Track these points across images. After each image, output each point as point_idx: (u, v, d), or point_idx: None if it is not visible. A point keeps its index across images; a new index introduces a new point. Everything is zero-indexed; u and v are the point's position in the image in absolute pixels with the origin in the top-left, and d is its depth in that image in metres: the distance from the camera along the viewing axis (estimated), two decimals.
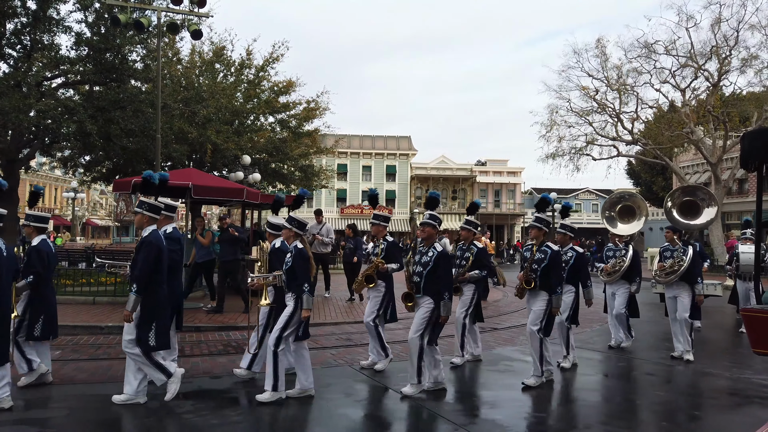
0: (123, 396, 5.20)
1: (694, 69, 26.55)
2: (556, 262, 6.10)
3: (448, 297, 5.56)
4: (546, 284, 6.10)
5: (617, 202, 8.71)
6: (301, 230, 5.74)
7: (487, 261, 7.45)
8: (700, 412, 5.54)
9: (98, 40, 14.28)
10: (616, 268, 8.27)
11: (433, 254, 5.65)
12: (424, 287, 5.69)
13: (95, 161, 20.29)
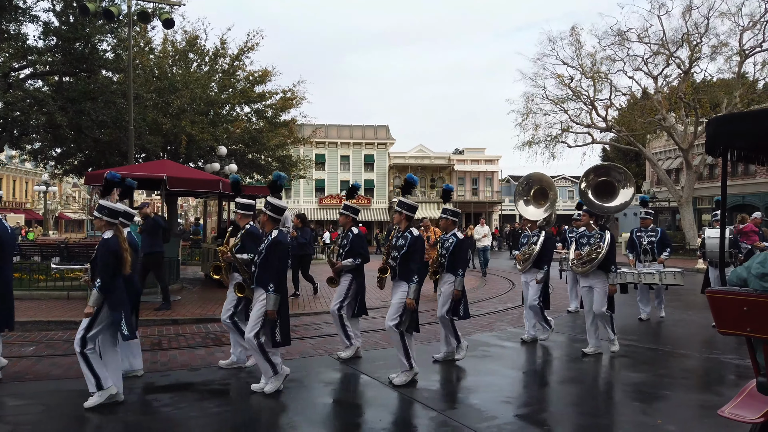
0: None
1: (666, 56, 26.97)
2: (416, 248, 5.66)
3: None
4: (404, 273, 5.67)
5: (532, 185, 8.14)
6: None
7: (360, 249, 6.65)
8: (670, 391, 5.70)
9: (67, 29, 13.97)
10: (526, 256, 7.68)
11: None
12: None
13: (66, 153, 19.92)
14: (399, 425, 4.76)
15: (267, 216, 5.40)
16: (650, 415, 4.94)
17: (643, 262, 9.61)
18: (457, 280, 6.37)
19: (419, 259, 5.68)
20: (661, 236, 9.67)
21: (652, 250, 9.56)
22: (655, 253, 9.55)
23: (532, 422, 4.77)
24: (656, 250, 9.55)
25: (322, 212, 47.37)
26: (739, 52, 25.56)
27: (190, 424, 4.65)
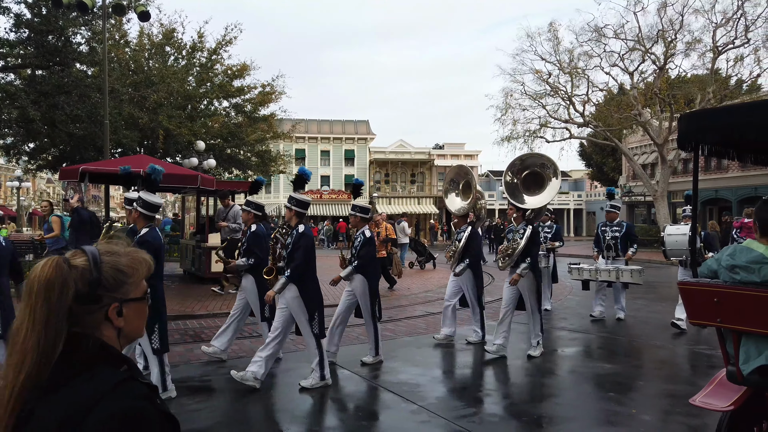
0: None
1: (642, 52, 27.35)
2: (299, 245, 5.45)
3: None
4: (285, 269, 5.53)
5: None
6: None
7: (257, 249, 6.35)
8: (645, 381, 5.83)
9: (39, 21, 13.67)
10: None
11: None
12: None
13: (40, 148, 19.54)
14: (379, 419, 4.79)
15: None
16: (625, 405, 5.04)
17: (606, 258, 9.21)
18: (356, 277, 6.22)
19: (300, 256, 5.39)
20: (626, 231, 9.24)
21: (616, 246, 9.14)
22: (618, 249, 9.12)
23: (511, 414, 4.84)
24: (620, 245, 9.11)
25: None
26: (713, 49, 26.03)
27: None
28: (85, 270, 1.14)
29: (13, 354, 1.06)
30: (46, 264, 1.12)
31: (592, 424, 4.58)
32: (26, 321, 1.08)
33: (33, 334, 1.07)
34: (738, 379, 3.04)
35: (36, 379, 1.05)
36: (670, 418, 4.69)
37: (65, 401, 1.04)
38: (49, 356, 1.06)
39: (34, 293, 1.09)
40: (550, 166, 6.91)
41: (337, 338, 6.51)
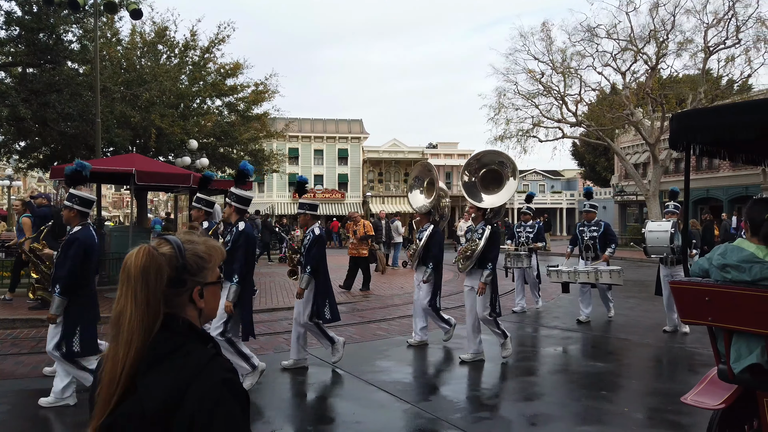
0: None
1: (634, 52, 27.48)
2: (239, 244, 5.18)
3: (309, 271, 5.88)
4: (227, 272, 5.18)
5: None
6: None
7: None
8: (637, 380, 5.86)
9: (30, 19, 13.54)
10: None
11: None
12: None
13: (31, 147, 19.38)
14: (373, 418, 4.79)
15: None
16: (617, 403, 5.07)
17: (585, 259, 8.88)
18: (304, 277, 5.94)
19: (241, 257, 5.14)
20: (603, 231, 8.90)
21: (594, 246, 8.81)
22: (597, 249, 8.80)
23: (504, 412, 4.86)
24: (599, 245, 8.80)
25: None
26: (704, 49, 26.19)
27: None
28: (172, 257, 1.28)
29: (121, 334, 1.19)
30: (139, 252, 1.25)
31: (584, 423, 4.60)
32: (129, 304, 1.21)
33: (137, 315, 1.20)
34: (729, 378, 3.06)
35: (141, 354, 1.18)
36: (662, 416, 4.72)
37: (168, 373, 1.18)
38: (151, 334, 1.21)
39: (133, 279, 1.23)
40: (508, 164, 6.63)
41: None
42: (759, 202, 3.26)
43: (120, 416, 1.16)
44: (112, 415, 1.17)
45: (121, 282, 1.24)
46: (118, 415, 1.17)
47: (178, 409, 1.15)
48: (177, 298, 1.28)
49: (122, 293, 1.23)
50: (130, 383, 1.17)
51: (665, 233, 7.60)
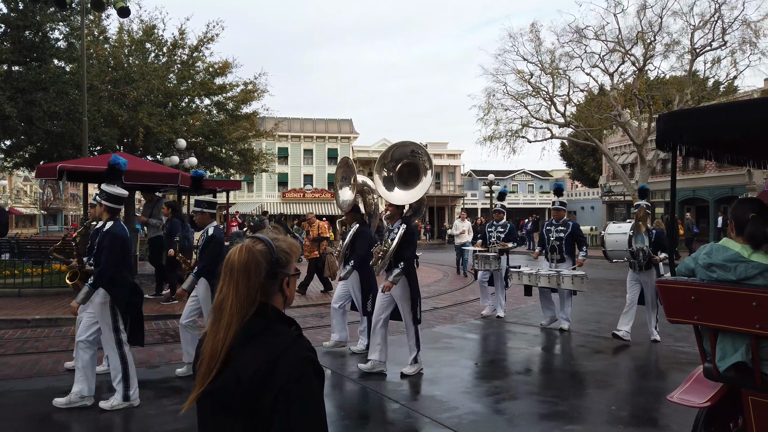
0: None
1: (622, 54, 27.70)
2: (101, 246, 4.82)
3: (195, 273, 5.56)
4: None
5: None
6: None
7: None
8: (624, 379, 5.91)
9: (16, 17, 13.40)
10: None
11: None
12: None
13: (17, 146, 19.17)
14: (362, 418, 4.79)
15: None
16: (605, 402, 5.10)
17: (550, 261, 8.24)
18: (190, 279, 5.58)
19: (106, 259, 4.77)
20: (571, 231, 8.19)
21: (560, 248, 8.15)
22: (563, 251, 8.14)
23: (493, 411, 4.87)
24: (565, 247, 8.15)
25: (285, 206, 46.94)
26: (691, 51, 26.46)
27: (148, 421, 4.57)
28: (266, 253, 1.49)
29: (222, 317, 1.42)
30: (240, 250, 1.47)
31: (572, 421, 4.62)
32: (231, 293, 1.43)
33: (237, 303, 1.42)
34: (714, 376, 3.09)
35: (237, 334, 1.40)
36: (648, 415, 4.76)
37: (260, 350, 1.39)
38: (245, 318, 1.42)
39: (236, 272, 1.45)
40: (421, 154, 6.06)
41: None
42: (743, 202, 3.30)
43: (219, 384, 1.39)
44: (213, 383, 1.39)
45: (224, 274, 1.46)
46: (217, 384, 1.39)
47: (267, 379, 1.35)
48: (270, 288, 1.49)
49: (225, 284, 1.45)
50: (227, 357, 1.39)
51: (624, 236, 7.12)
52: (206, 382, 1.39)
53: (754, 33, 24.99)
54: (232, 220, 29.59)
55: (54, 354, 6.69)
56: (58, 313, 8.93)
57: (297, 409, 1.35)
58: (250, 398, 1.36)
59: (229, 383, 1.37)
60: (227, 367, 1.39)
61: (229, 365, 1.38)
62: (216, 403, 1.40)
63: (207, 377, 1.39)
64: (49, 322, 8.48)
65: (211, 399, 1.40)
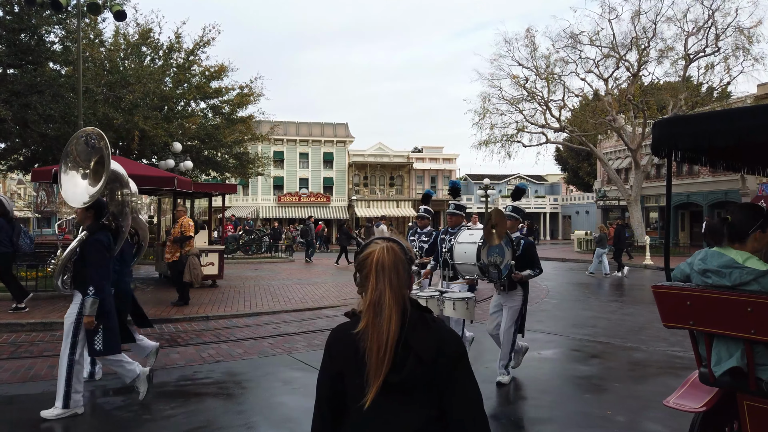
0: None
1: (616, 59, 27.86)
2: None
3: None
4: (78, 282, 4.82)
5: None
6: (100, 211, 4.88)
7: None
8: (619, 383, 5.93)
9: (11, 19, 13.38)
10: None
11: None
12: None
13: (11, 149, 19.11)
14: None
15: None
16: (600, 406, 5.12)
17: (443, 278, 6.33)
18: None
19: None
20: None
21: None
22: None
23: (489, 416, 4.87)
24: None
25: (281, 210, 46.88)
26: (684, 57, 26.65)
27: (143, 427, 4.55)
28: (403, 251, 1.67)
29: (381, 312, 1.57)
30: (387, 250, 1.63)
31: (568, 426, 4.63)
32: (386, 289, 1.59)
33: (392, 296, 1.58)
34: (710, 381, 3.11)
35: (398, 325, 1.57)
36: (644, 419, 4.77)
37: (427, 333, 1.60)
38: (404, 309, 1.60)
39: (387, 270, 1.60)
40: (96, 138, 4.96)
41: None
42: (742, 207, 3.32)
43: (404, 370, 1.55)
44: (395, 371, 1.55)
45: (374, 274, 1.60)
46: (401, 370, 1.55)
47: (440, 355, 1.58)
48: (407, 280, 1.66)
49: (378, 282, 1.60)
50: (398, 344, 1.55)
51: (473, 246, 5.69)
52: (384, 372, 1.53)
53: (747, 39, 25.22)
54: (227, 223, 29.56)
55: (49, 358, 6.65)
56: (53, 317, 8.88)
57: (468, 373, 1.63)
58: (429, 374, 1.57)
59: (412, 365, 1.55)
60: (405, 353, 1.55)
61: (407, 350, 1.55)
62: (399, 387, 1.55)
63: (381, 369, 1.53)
64: (44, 326, 8.44)
65: (396, 385, 1.55)
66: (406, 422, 1.58)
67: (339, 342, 1.66)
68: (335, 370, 1.64)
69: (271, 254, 26.84)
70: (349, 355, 1.61)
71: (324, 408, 1.67)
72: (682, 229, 35.44)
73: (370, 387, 1.54)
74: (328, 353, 1.68)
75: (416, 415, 1.59)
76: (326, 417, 1.66)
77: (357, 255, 1.75)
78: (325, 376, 1.67)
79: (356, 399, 1.59)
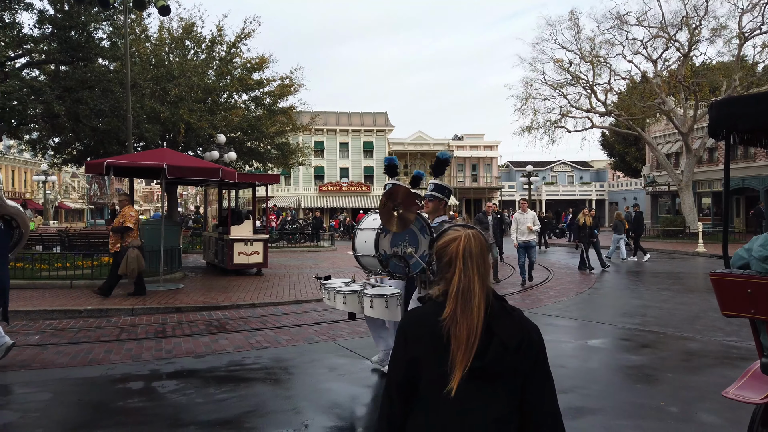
0: None
1: (665, 39, 26.81)
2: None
3: None
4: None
5: None
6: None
7: None
8: (673, 373, 5.75)
9: (62, 17, 13.84)
10: None
11: None
12: None
13: (65, 143, 19.86)
14: None
15: None
16: (653, 397, 4.98)
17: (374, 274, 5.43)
18: None
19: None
20: None
21: None
22: None
23: None
24: None
25: (322, 199, 47.34)
26: (739, 35, 25.41)
27: (196, 410, 4.69)
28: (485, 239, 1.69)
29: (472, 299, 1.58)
30: (472, 237, 1.65)
31: (619, 416, 4.53)
32: (474, 276, 1.60)
33: (480, 283, 1.60)
34: None
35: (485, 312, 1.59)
36: (699, 411, 4.62)
37: (511, 320, 1.63)
38: (489, 295, 1.63)
39: (475, 257, 1.62)
40: None
41: None
42: None
43: (490, 356, 1.57)
44: (481, 358, 1.56)
45: (461, 261, 1.62)
46: (488, 356, 1.56)
47: (524, 342, 1.60)
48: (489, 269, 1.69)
49: (466, 269, 1.61)
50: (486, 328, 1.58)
51: (372, 232, 4.93)
52: (471, 359, 1.55)
53: None
54: (270, 213, 30.04)
55: (105, 343, 6.93)
56: (108, 304, 9.25)
57: (547, 363, 1.67)
58: (513, 361, 1.59)
59: (499, 352, 1.57)
60: (488, 339, 1.58)
61: (490, 337, 1.58)
62: (482, 374, 1.57)
63: (470, 354, 1.55)
64: (100, 313, 8.80)
65: (480, 371, 1.56)
66: (488, 409, 1.58)
67: (418, 327, 1.65)
68: (411, 356, 1.62)
69: (314, 243, 27.16)
70: (429, 340, 1.60)
71: (395, 393, 1.66)
72: (737, 215, 34.00)
73: (455, 372, 1.54)
74: (403, 338, 1.67)
75: (498, 403, 1.59)
76: (396, 401, 1.65)
77: (433, 243, 1.73)
78: (399, 361, 1.66)
79: (435, 385, 1.58)
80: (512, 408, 1.61)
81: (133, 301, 9.59)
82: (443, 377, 1.56)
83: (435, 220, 4.64)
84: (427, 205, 4.82)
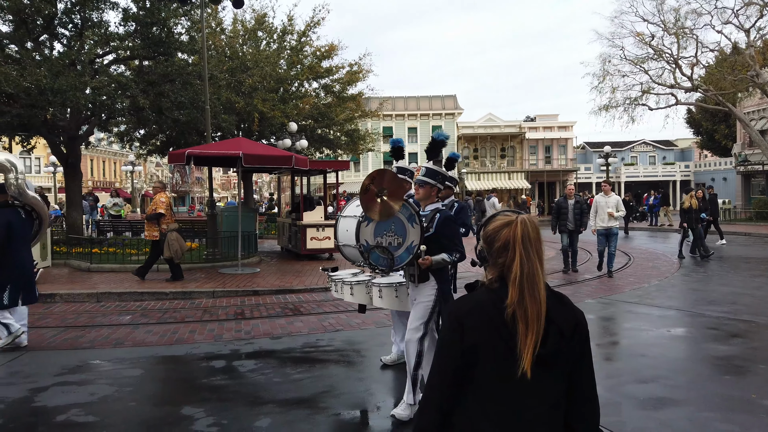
0: None
1: (760, 7, 24.70)
2: None
3: None
4: None
5: None
6: None
7: None
8: (766, 365, 5.38)
9: (144, 14, 14.53)
10: None
11: None
12: None
13: (149, 134, 20.95)
14: None
15: None
16: (744, 389, 4.68)
17: None
18: None
19: None
20: None
21: None
22: None
23: (617, 394, 4.65)
24: None
25: None
26: None
27: (274, 389, 4.87)
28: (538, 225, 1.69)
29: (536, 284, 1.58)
30: (528, 222, 1.63)
31: (706, 408, 4.30)
32: (536, 261, 1.60)
33: (541, 268, 1.61)
34: None
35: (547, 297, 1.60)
36: None
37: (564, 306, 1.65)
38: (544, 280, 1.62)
39: (533, 242, 1.61)
40: None
41: None
42: None
43: (551, 343, 1.58)
44: (543, 346, 1.56)
45: (522, 245, 1.60)
46: (549, 344, 1.58)
47: (576, 329, 1.63)
48: None
49: (527, 254, 1.60)
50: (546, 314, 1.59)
51: (353, 220, 4.31)
52: (537, 344, 1.55)
53: None
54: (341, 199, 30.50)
55: (190, 324, 7.32)
56: (191, 286, 9.75)
57: (590, 351, 1.69)
58: (568, 348, 1.61)
59: (556, 339, 1.59)
60: (548, 326, 1.58)
61: (549, 324, 1.59)
62: (541, 360, 1.57)
63: (538, 338, 1.56)
64: (184, 295, 9.29)
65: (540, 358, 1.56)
66: (545, 395, 1.60)
67: (477, 314, 1.62)
68: (470, 343, 1.59)
69: None
70: (491, 328, 1.59)
71: (447, 379, 1.62)
72: None
73: (524, 357, 1.54)
74: (458, 326, 1.62)
75: (554, 388, 1.61)
76: (447, 390, 1.63)
77: (483, 228, 1.69)
78: (454, 347, 1.61)
79: (494, 371, 1.58)
80: (563, 392, 1.63)
81: (213, 284, 10.06)
82: (505, 363, 1.56)
83: (426, 207, 4.20)
84: (418, 191, 4.24)
